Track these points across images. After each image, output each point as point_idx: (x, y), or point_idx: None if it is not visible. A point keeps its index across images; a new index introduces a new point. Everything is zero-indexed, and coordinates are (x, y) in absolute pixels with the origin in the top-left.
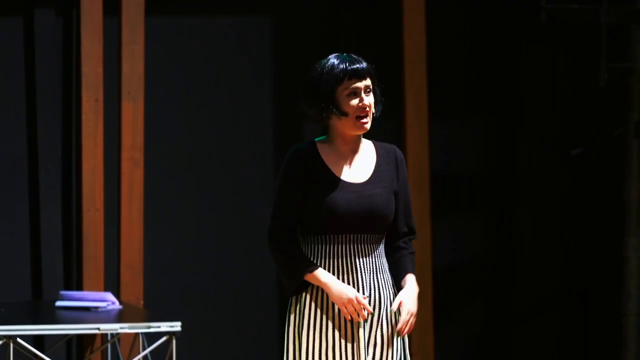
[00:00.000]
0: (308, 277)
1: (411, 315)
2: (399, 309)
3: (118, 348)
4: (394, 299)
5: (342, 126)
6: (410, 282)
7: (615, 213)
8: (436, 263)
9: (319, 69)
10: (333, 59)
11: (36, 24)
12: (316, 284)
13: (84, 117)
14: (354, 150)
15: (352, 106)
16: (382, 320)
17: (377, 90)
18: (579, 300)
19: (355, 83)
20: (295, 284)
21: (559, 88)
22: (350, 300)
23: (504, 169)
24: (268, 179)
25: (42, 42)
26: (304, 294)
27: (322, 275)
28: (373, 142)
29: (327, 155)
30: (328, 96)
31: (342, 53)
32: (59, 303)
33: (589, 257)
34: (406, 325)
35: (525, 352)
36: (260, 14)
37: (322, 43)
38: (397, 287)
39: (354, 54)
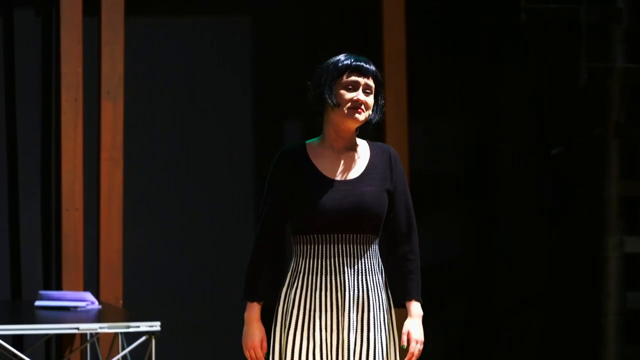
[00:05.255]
0: (248, 303)
1: (418, 343)
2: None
3: (97, 348)
4: (386, 302)
5: (335, 116)
6: (416, 311)
7: (595, 213)
8: None
9: (330, 60)
10: (344, 55)
11: (15, 24)
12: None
13: (63, 116)
14: (347, 147)
15: (346, 99)
16: (370, 322)
17: (380, 99)
18: (559, 300)
19: (355, 77)
20: (243, 297)
21: (539, 88)
22: (250, 347)
23: (484, 168)
24: (248, 179)
25: (22, 42)
26: (292, 292)
27: (249, 311)
28: (368, 142)
29: (315, 154)
30: (327, 85)
31: (357, 54)
32: (38, 303)
33: (569, 257)
34: (413, 356)
35: (505, 353)
36: (240, 14)
37: (302, 43)
38: (396, 299)
39: (365, 57)
